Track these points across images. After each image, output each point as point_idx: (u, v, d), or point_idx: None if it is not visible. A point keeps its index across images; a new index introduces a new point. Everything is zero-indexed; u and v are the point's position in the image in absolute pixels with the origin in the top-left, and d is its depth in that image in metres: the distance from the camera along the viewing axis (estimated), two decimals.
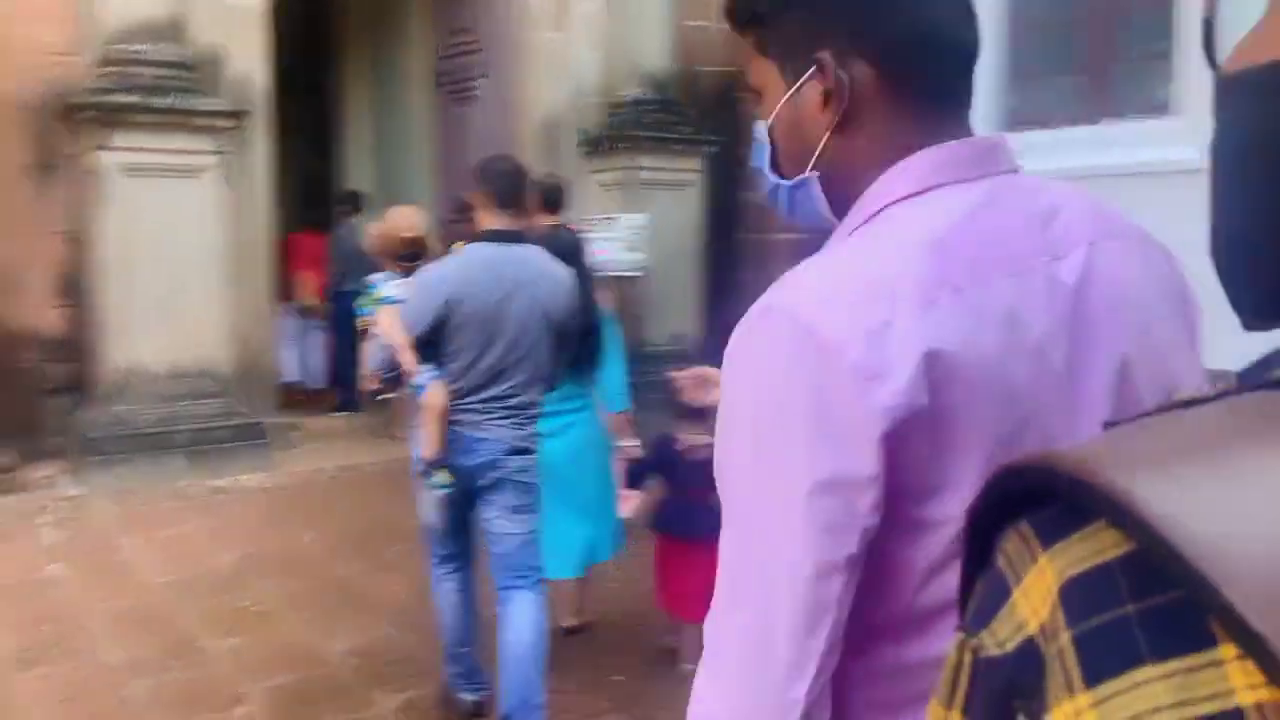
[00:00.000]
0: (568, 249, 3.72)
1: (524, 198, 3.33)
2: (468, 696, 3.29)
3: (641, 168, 8.05)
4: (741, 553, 0.82)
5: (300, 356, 8.89)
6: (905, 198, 0.84)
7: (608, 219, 7.59)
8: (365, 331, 3.44)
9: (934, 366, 0.74)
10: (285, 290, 8.56)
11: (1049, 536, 0.40)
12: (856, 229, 0.87)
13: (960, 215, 0.82)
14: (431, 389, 3.02)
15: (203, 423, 6.45)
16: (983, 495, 0.44)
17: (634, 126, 7.99)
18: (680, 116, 8.32)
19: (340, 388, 8.18)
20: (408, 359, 3.03)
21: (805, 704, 0.79)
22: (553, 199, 5.17)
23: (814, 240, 0.93)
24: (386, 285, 3.44)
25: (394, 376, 3.16)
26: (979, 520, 0.45)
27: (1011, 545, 0.42)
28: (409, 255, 3.55)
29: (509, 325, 3.03)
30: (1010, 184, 0.86)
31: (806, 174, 0.92)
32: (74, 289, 6.55)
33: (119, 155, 6.16)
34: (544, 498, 3.24)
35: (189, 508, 5.72)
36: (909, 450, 0.75)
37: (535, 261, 3.17)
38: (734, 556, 0.83)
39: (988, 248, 0.81)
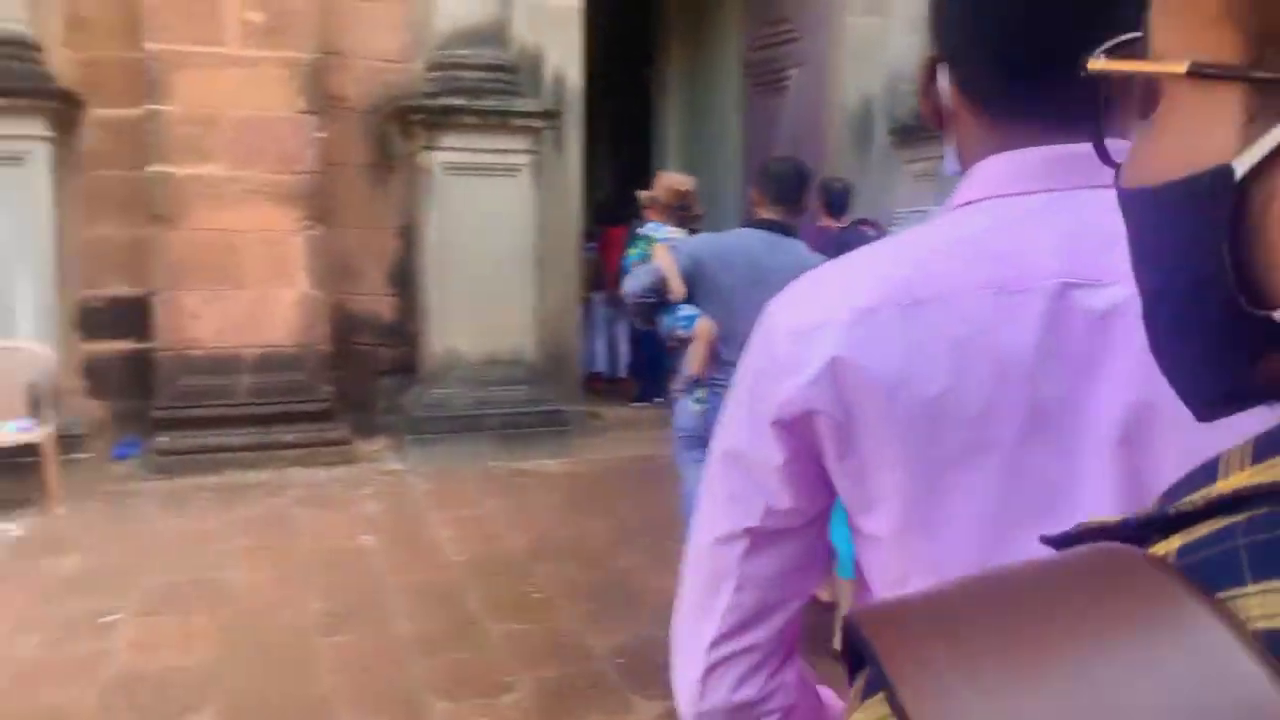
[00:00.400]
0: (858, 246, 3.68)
1: (799, 196, 3.56)
2: None
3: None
4: (695, 513, 0.91)
5: (606, 347, 9.16)
6: (967, 204, 0.82)
7: (918, 212, 7.19)
8: (627, 272, 3.85)
9: (842, 373, 0.76)
10: (600, 281, 8.84)
11: (863, 694, 0.36)
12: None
13: (978, 227, 0.79)
14: (700, 321, 3.41)
15: (511, 408, 6.77)
16: (846, 635, 0.38)
17: None
18: None
19: (640, 378, 8.34)
20: (676, 285, 3.41)
21: (709, 659, 0.86)
22: (834, 201, 5.47)
23: None
24: (659, 230, 3.82)
25: (651, 304, 3.49)
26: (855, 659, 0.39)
27: (852, 692, 0.37)
28: (679, 207, 3.95)
29: (752, 306, 3.15)
30: (1089, 199, 0.76)
31: (954, 169, 0.90)
32: (404, 279, 7.09)
33: (443, 155, 6.57)
34: None
35: (492, 489, 6.02)
36: (818, 450, 0.79)
37: (794, 253, 3.38)
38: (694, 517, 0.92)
39: (983, 262, 0.76)
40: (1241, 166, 0.36)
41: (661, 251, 3.54)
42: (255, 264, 6.43)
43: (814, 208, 5.34)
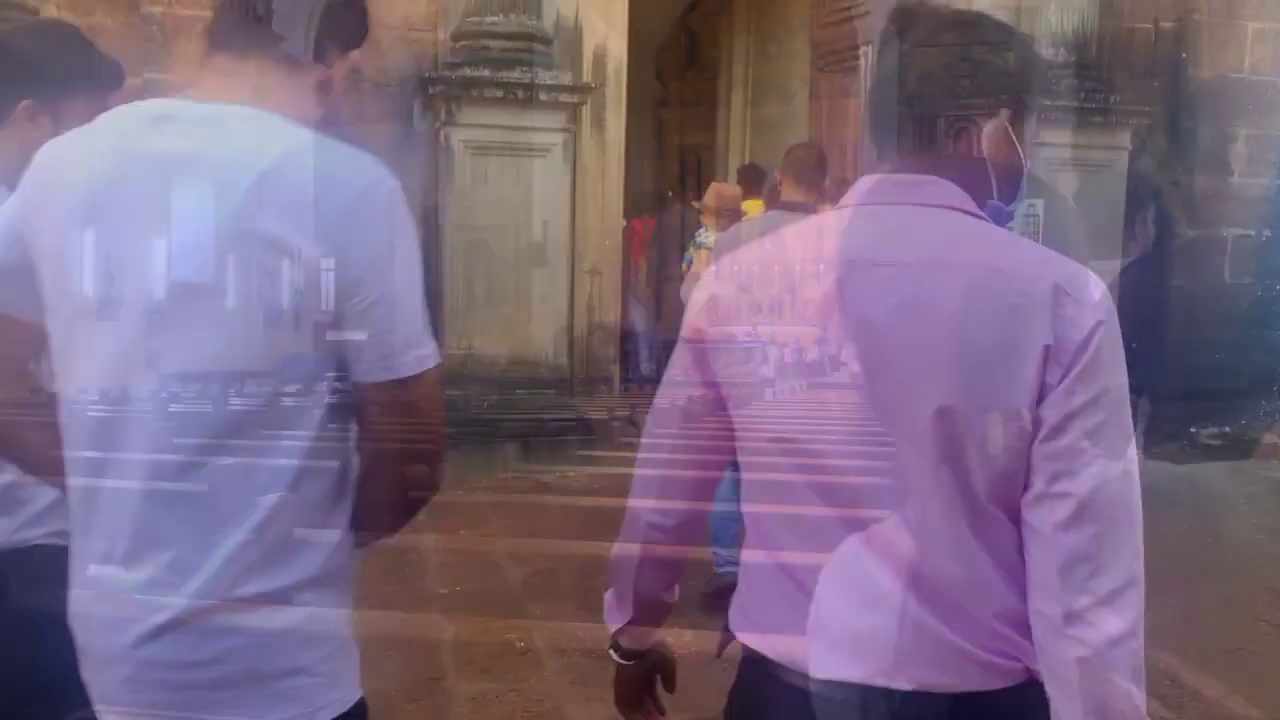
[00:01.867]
0: None
1: (818, 178, 3.87)
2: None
3: (1049, 144, 6.72)
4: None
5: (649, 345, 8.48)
6: (843, 207, 1.26)
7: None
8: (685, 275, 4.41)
9: (714, 308, 1.27)
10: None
11: None
12: None
13: (834, 222, 1.25)
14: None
15: (535, 413, 6.15)
16: None
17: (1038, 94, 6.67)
18: (1101, 83, 6.84)
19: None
20: None
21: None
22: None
23: None
24: (705, 236, 4.44)
25: None
26: None
27: None
28: (729, 211, 4.50)
29: None
30: (891, 212, 1.21)
31: None
32: (423, 269, 6.50)
33: (465, 132, 5.97)
34: None
35: (503, 505, 5.41)
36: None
37: None
38: None
39: (834, 243, 1.21)
40: None
41: (701, 262, 4.25)
42: None
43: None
